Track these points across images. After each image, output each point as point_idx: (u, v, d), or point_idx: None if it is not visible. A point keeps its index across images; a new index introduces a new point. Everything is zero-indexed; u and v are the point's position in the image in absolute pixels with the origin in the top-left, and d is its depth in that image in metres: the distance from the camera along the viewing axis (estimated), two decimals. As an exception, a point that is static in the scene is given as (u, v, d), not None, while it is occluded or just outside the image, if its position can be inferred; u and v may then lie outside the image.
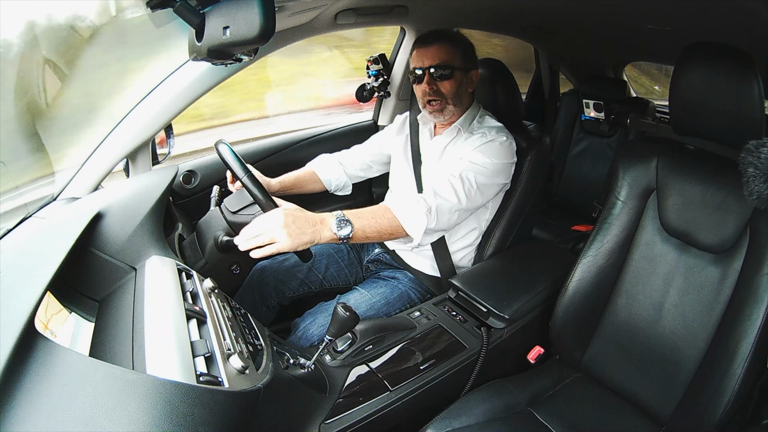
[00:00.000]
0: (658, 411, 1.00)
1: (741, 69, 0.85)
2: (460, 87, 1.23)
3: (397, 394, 0.94)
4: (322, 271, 1.39)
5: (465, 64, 1.22)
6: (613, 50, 2.31)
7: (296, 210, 0.92)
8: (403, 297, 1.29)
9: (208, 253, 1.00)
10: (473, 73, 1.26)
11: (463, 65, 1.22)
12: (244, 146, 1.60)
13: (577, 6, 1.43)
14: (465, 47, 1.24)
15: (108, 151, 1.20)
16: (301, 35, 1.38)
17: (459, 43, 1.22)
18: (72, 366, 0.52)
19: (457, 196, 1.11)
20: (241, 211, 1.03)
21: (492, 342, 1.08)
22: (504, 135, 1.20)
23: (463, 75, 1.23)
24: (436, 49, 1.20)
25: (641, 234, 1.06)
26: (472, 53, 1.27)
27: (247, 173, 0.95)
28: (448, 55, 1.20)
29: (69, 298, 0.76)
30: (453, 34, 1.25)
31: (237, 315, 0.87)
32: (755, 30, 1.00)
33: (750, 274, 0.89)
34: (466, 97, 1.26)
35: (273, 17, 0.63)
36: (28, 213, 0.99)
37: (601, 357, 1.10)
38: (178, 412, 0.51)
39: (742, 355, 0.85)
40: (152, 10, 0.76)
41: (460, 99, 1.24)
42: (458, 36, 1.26)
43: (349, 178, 1.43)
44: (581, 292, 1.09)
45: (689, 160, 1.02)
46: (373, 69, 1.75)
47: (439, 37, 1.22)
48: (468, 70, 1.24)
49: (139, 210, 0.91)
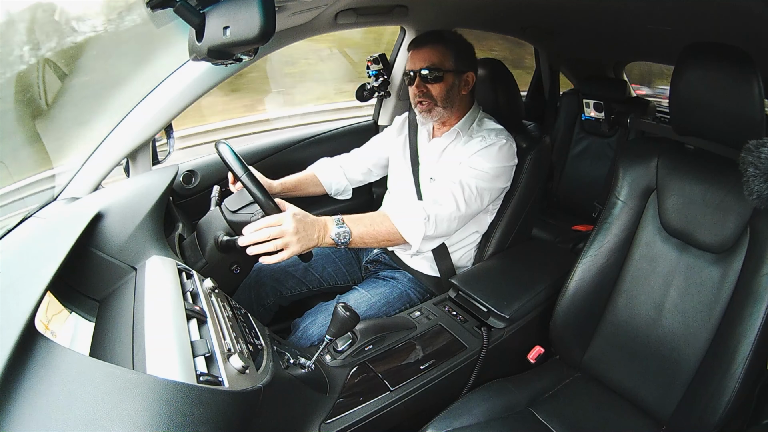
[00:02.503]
0: (658, 411, 1.00)
1: (741, 69, 0.85)
2: (451, 90, 1.21)
3: (397, 394, 0.94)
4: (320, 270, 1.39)
5: (458, 66, 1.21)
6: (613, 50, 2.31)
7: (303, 214, 0.95)
8: (402, 297, 1.29)
9: (208, 253, 1.00)
10: (468, 75, 1.23)
11: (455, 67, 1.20)
12: (244, 146, 1.60)
13: (577, 6, 1.44)
14: (460, 49, 1.22)
15: (108, 151, 1.20)
16: (301, 35, 1.38)
17: (452, 45, 1.21)
18: (72, 366, 0.52)
19: (457, 204, 1.11)
20: (241, 210, 1.03)
21: (492, 342, 1.08)
22: (504, 138, 1.19)
23: (455, 77, 1.21)
24: (427, 51, 1.19)
25: (641, 234, 1.06)
26: (468, 55, 1.25)
27: (246, 172, 0.96)
28: (438, 58, 1.18)
29: (69, 298, 0.76)
30: (447, 35, 1.23)
31: (237, 315, 0.87)
32: (755, 30, 1.00)
33: (750, 274, 0.89)
34: (458, 99, 1.24)
35: (273, 17, 0.63)
36: (28, 213, 0.99)
37: (601, 357, 1.10)
38: (178, 412, 0.51)
39: (742, 355, 0.85)
40: (152, 10, 0.76)
41: (451, 101, 1.22)
42: (453, 37, 1.24)
43: (350, 183, 1.43)
44: (581, 292, 1.09)
45: (689, 160, 1.02)
46: (373, 69, 1.75)
47: (432, 39, 1.21)
48: (461, 72, 1.22)
49: (139, 210, 0.91)
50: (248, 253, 0.90)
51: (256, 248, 0.90)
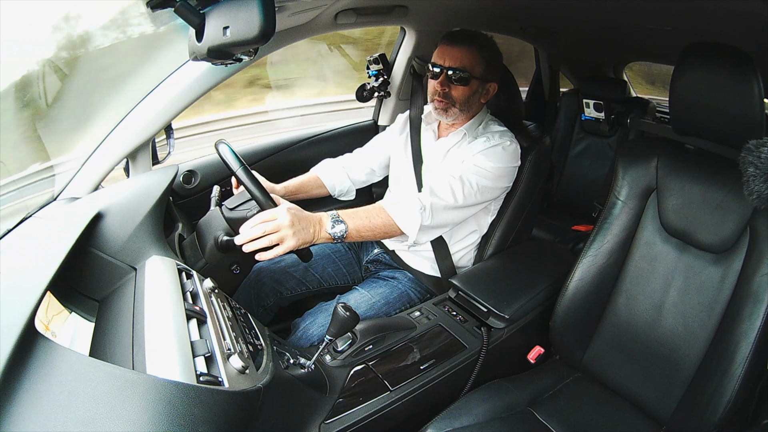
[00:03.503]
0: (658, 411, 1.00)
1: (741, 69, 0.85)
2: (473, 95, 1.20)
3: (397, 394, 0.94)
4: (320, 271, 1.39)
5: (485, 74, 1.19)
6: (613, 50, 2.31)
7: (297, 209, 0.95)
8: (403, 297, 1.29)
9: (208, 253, 1.00)
10: (491, 85, 1.22)
11: (482, 75, 1.18)
12: (244, 146, 1.60)
13: (577, 6, 1.43)
14: (491, 57, 1.19)
15: (108, 151, 1.20)
16: (301, 35, 1.38)
17: (486, 52, 1.18)
18: (72, 366, 0.52)
19: (454, 196, 1.11)
20: (238, 207, 1.03)
21: (492, 342, 1.08)
22: (508, 139, 1.20)
23: (480, 85, 1.19)
24: (460, 51, 1.16)
25: (641, 234, 1.06)
26: (498, 65, 1.23)
27: (242, 167, 0.96)
28: (470, 61, 1.16)
29: (69, 298, 0.76)
30: (484, 40, 1.20)
31: (237, 315, 0.87)
32: (755, 30, 1.00)
33: (750, 274, 0.89)
34: (476, 106, 1.24)
35: (273, 17, 0.63)
36: (28, 213, 0.99)
37: (601, 357, 1.10)
38: (178, 412, 0.51)
39: (742, 355, 0.85)
40: (152, 10, 0.76)
41: (469, 106, 1.21)
42: (488, 44, 1.20)
43: (353, 184, 1.43)
44: (581, 292, 1.09)
45: (689, 160, 1.02)
46: (373, 69, 1.75)
47: (468, 39, 1.17)
48: (487, 81, 1.20)
49: (139, 210, 0.91)
50: (245, 251, 0.90)
51: (252, 245, 0.90)
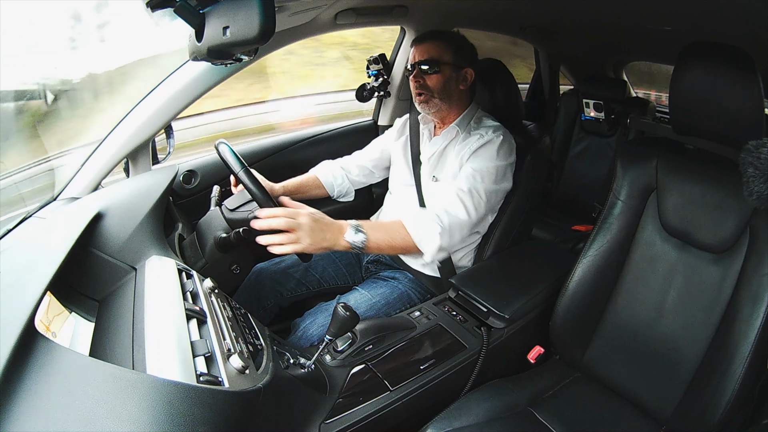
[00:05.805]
0: (658, 411, 1.00)
1: (741, 69, 0.85)
2: (448, 82, 1.24)
3: (397, 394, 0.94)
4: (320, 271, 1.39)
5: (456, 60, 1.24)
6: (613, 50, 2.31)
7: (320, 215, 0.98)
8: (403, 297, 1.29)
9: (208, 253, 1.00)
10: (466, 70, 1.27)
11: (453, 61, 1.24)
12: (244, 146, 1.61)
13: (577, 6, 1.43)
14: (459, 45, 1.26)
15: (108, 151, 1.20)
16: (301, 35, 1.39)
17: (452, 41, 1.25)
18: (72, 366, 0.52)
19: (467, 212, 1.14)
20: (240, 208, 1.03)
21: (492, 342, 1.08)
22: (501, 134, 1.22)
23: (453, 71, 1.24)
24: (427, 45, 1.24)
25: (641, 234, 1.06)
26: (468, 51, 1.28)
27: (243, 169, 0.96)
28: (437, 52, 1.23)
29: (69, 298, 0.76)
30: (448, 33, 1.28)
31: (237, 315, 0.87)
32: (755, 30, 1.00)
33: (750, 274, 0.89)
34: (456, 94, 1.27)
35: (273, 17, 0.63)
36: (28, 213, 0.99)
37: (601, 357, 1.09)
38: (178, 412, 0.51)
39: (742, 355, 0.85)
40: (152, 10, 0.76)
41: (448, 94, 1.25)
42: (454, 35, 1.29)
43: (352, 185, 1.45)
44: (581, 292, 1.09)
45: (689, 160, 1.02)
46: (373, 69, 1.75)
47: (433, 36, 1.26)
48: (460, 67, 1.25)
49: (139, 210, 0.91)
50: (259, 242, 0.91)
51: (268, 237, 0.91)
